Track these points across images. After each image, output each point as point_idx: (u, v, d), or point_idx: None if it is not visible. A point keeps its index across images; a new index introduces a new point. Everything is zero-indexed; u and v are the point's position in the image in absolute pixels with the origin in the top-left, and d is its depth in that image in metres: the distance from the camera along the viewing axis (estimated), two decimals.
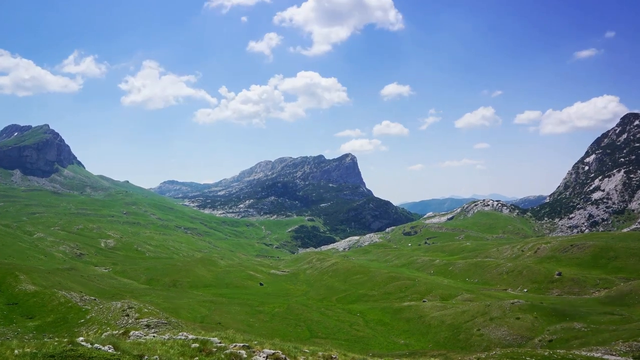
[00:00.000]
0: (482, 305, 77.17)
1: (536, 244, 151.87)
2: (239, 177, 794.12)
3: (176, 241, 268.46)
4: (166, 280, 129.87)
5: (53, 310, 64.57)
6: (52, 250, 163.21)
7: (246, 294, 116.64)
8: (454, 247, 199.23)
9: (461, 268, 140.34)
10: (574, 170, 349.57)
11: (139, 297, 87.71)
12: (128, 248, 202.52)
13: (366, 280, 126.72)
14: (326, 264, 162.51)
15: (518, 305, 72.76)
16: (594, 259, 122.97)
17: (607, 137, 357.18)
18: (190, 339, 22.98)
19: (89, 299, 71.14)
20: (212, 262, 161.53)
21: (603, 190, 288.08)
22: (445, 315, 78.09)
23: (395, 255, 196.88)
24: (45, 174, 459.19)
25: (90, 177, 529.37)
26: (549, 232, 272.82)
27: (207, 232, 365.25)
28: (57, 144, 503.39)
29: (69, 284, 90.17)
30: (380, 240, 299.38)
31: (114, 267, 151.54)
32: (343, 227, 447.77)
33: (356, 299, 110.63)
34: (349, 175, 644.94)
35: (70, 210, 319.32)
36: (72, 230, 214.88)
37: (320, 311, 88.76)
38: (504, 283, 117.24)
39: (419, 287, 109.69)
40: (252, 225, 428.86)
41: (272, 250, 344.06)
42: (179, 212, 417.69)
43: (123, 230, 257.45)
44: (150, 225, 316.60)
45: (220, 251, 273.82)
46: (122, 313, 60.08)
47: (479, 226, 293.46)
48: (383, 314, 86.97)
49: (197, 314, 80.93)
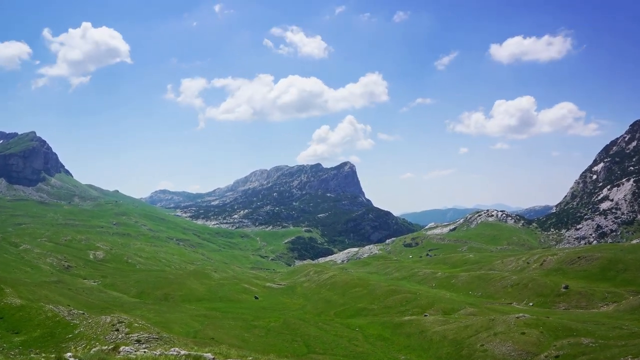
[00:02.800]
0: (486, 320, 77.13)
1: (542, 256, 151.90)
2: (233, 186, 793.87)
3: (168, 253, 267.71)
4: (157, 294, 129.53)
5: (40, 324, 64.42)
6: (39, 263, 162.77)
7: (241, 308, 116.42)
8: (457, 259, 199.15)
9: (464, 281, 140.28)
10: (581, 179, 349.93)
11: (129, 311, 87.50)
12: (118, 260, 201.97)
13: (365, 293, 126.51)
14: (324, 276, 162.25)
15: (523, 319, 72.73)
16: (602, 272, 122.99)
17: (616, 144, 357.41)
18: (182, 354, 23.05)
19: (77, 313, 70.95)
20: (205, 275, 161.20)
21: (612, 200, 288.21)
22: (447, 330, 78.02)
23: (396, 267, 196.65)
24: (32, 183, 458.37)
25: (78, 186, 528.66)
26: (556, 243, 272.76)
27: (200, 243, 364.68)
28: (44, 151, 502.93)
29: (56, 297, 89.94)
30: (380, 252, 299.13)
31: (103, 280, 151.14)
32: (341, 239, 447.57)
33: (355, 313, 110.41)
34: (348, 185, 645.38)
35: (57, 221, 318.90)
36: (59, 242, 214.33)
37: (317, 326, 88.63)
38: (509, 296, 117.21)
39: (420, 300, 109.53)
40: (247, 237, 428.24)
41: (268, 263, 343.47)
42: (171, 223, 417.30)
43: (113, 241, 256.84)
44: (140, 237, 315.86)
45: (213, 263, 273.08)
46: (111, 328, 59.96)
47: (482, 237, 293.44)
48: (383, 329, 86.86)
49: (190, 328, 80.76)
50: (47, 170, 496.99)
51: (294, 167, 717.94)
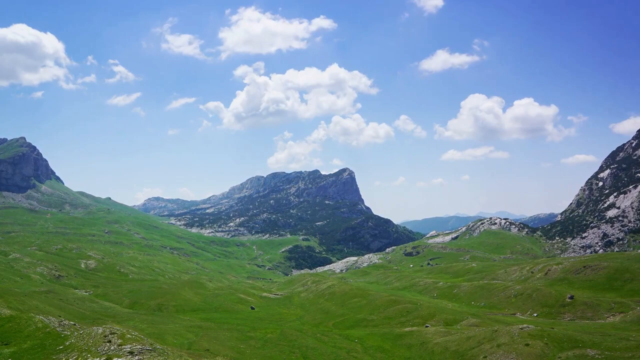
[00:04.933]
0: (489, 331, 77.19)
1: (547, 265, 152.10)
2: (229, 193, 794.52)
3: (161, 262, 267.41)
4: (151, 304, 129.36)
5: (30, 335, 64.28)
6: (29, 272, 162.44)
7: (236, 319, 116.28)
8: (459, 268, 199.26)
9: (466, 291, 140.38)
10: (587, 186, 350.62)
11: (121, 322, 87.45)
12: (110, 269, 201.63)
13: (365, 304, 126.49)
14: (322, 286, 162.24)
15: (527, 330, 72.80)
16: (609, 281, 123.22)
17: (622, 150, 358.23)
18: None
19: (69, 324, 70.85)
20: (200, 285, 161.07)
21: (618, 208, 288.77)
22: (449, 342, 78.06)
23: (396, 277, 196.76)
24: (22, 190, 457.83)
25: (69, 193, 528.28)
26: (561, 252, 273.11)
27: (195, 252, 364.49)
28: (34, 157, 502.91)
29: (46, 307, 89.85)
30: (380, 261, 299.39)
31: (95, 290, 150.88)
32: (340, 247, 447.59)
33: (354, 324, 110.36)
34: (347, 192, 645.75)
35: (48, 229, 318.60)
36: (50, 251, 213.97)
37: (315, 337, 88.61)
38: (513, 307, 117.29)
39: (421, 311, 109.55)
40: (243, 245, 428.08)
41: (264, 272, 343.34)
42: (165, 231, 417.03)
43: (105, 250, 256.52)
44: (133, 245, 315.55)
45: (208, 273, 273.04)
46: (103, 339, 59.86)
47: (485, 246, 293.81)
48: (383, 340, 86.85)
49: (184, 339, 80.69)
50: (37, 177, 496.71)
51: (291, 174, 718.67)
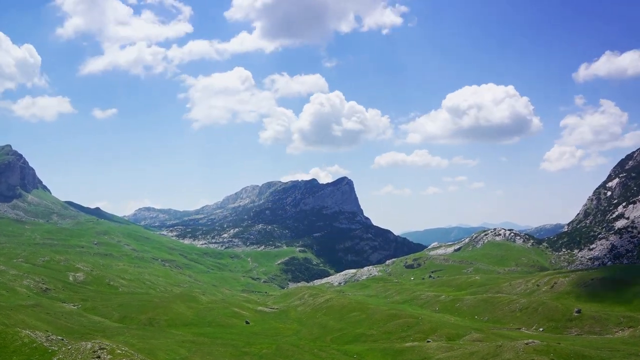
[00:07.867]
0: (493, 346, 77.28)
1: (553, 277, 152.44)
2: (223, 203, 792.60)
3: (153, 274, 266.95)
4: (141, 318, 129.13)
5: (16, 351, 64.25)
6: (15, 285, 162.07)
7: (230, 334, 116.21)
8: (462, 281, 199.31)
9: (469, 304, 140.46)
10: (595, 195, 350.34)
11: (111, 337, 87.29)
12: (99, 282, 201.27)
13: (364, 318, 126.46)
14: (319, 300, 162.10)
15: (533, 346, 72.91)
16: (618, 295, 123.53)
17: (632, 159, 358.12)
18: None
19: (56, 339, 70.83)
20: (193, 298, 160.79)
21: (627, 218, 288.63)
22: (451, 357, 78.12)
23: (397, 290, 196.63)
24: (7, 200, 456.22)
25: (57, 203, 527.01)
26: (568, 264, 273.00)
27: (187, 264, 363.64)
28: (21, 166, 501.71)
29: (33, 322, 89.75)
30: (380, 274, 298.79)
31: (84, 304, 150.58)
32: (338, 259, 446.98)
33: (353, 339, 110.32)
34: (345, 202, 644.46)
35: (34, 240, 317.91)
36: (36, 263, 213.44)
37: (313, 352, 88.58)
38: (517, 321, 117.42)
39: (423, 325, 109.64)
40: (238, 257, 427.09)
41: (260, 285, 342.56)
42: (156, 243, 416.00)
43: (94, 262, 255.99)
44: (123, 257, 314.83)
45: (201, 286, 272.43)
46: (92, 355, 59.92)
47: (489, 258, 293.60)
48: (383, 356, 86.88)
49: (176, 355, 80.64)
50: (23, 186, 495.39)
51: (288, 183, 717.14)
